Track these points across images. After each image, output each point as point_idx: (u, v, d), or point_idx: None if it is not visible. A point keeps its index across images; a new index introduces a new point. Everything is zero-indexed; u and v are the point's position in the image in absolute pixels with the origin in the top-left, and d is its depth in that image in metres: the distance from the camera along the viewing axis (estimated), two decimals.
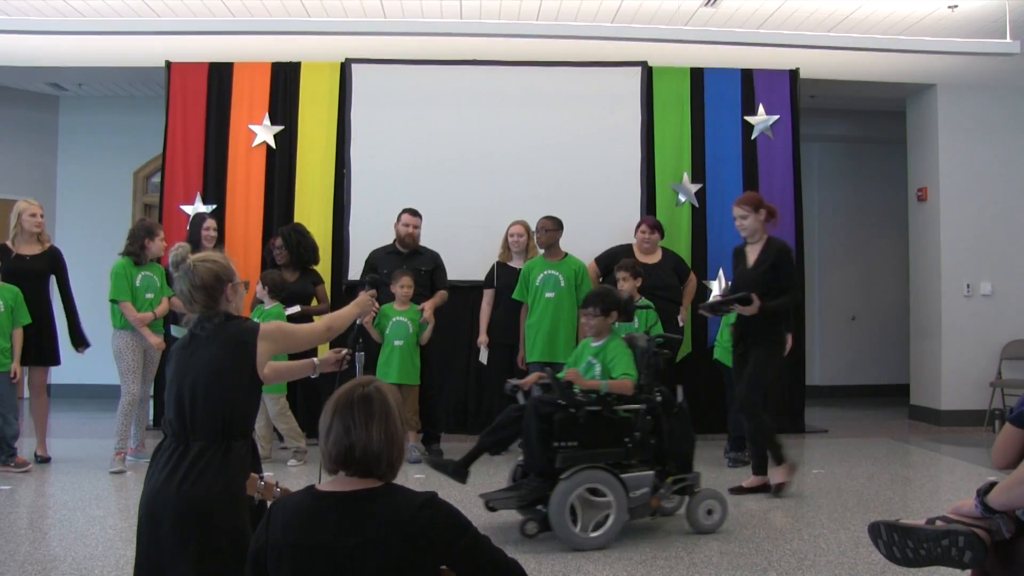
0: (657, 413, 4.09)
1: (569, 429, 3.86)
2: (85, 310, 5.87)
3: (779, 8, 6.46)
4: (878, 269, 9.70)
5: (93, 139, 8.64)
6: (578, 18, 6.60)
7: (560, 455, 3.82)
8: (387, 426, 1.78)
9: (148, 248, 5.63)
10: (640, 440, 3.99)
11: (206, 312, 2.48)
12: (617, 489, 3.81)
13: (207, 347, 2.43)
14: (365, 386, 1.83)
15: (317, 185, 6.89)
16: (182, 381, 2.41)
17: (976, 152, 7.53)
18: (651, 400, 4.07)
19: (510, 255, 6.32)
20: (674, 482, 4.06)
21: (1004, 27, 6.31)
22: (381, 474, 1.79)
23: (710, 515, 4.05)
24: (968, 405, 7.41)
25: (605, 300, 4.30)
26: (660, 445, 4.09)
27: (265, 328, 2.49)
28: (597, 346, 4.28)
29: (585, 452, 3.85)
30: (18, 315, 5.35)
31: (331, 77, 6.93)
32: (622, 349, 4.19)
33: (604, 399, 3.96)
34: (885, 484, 5.20)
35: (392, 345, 5.64)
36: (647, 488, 3.93)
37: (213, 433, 2.35)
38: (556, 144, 6.95)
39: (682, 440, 4.16)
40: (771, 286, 4.81)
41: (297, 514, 1.77)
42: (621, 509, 3.81)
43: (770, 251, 4.92)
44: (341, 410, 1.79)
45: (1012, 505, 2.17)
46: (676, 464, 4.10)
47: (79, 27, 6.25)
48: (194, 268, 2.46)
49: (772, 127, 7.08)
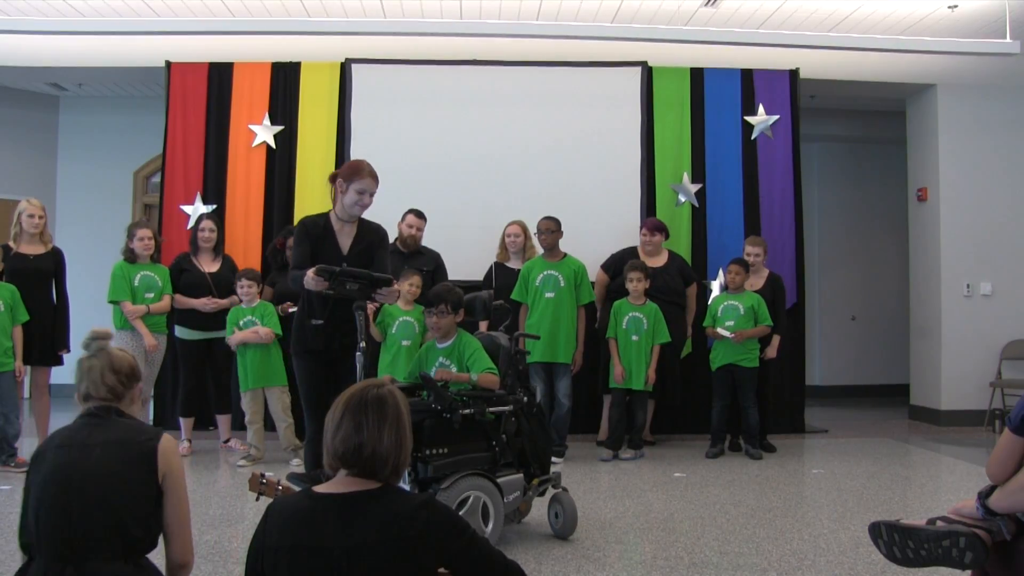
0: (519, 414, 3.91)
1: (439, 435, 3.56)
2: (85, 310, 5.88)
3: (779, 8, 6.46)
4: (878, 269, 9.70)
5: (93, 139, 8.65)
6: (578, 18, 6.60)
7: (432, 464, 3.51)
8: (398, 429, 1.79)
9: (132, 248, 5.69)
10: (506, 442, 3.79)
11: (106, 400, 2.21)
12: (495, 495, 3.63)
13: (98, 446, 2.09)
14: (380, 387, 1.83)
15: (317, 185, 6.86)
16: (66, 488, 2.03)
17: (976, 152, 7.54)
18: (520, 400, 3.89)
19: (508, 255, 6.32)
20: (539, 484, 3.94)
21: (1004, 27, 6.31)
22: (384, 476, 1.79)
23: (557, 518, 3.93)
24: (968, 405, 7.42)
25: (454, 298, 4.06)
26: (523, 447, 3.91)
27: (166, 444, 2.16)
28: (446, 346, 4.05)
29: (455, 459, 3.60)
30: (17, 313, 5.35)
31: (331, 77, 6.93)
32: (477, 345, 4.01)
33: (477, 401, 3.72)
34: (885, 484, 5.20)
35: (399, 345, 5.61)
36: (519, 492, 3.79)
37: (113, 552, 2.01)
38: (556, 144, 6.95)
39: (542, 440, 4.01)
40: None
41: (294, 516, 1.76)
42: (500, 516, 3.62)
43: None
44: (353, 408, 1.79)
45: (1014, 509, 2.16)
46: (537, 465, 3.96)
47: (79, 27, 6.25)
48: (112, 352, 2.26)
49: (772, 127, 7.08)
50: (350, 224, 4.10)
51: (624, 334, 5.92)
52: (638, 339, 5.89)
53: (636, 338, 5.90)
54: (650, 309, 5.93)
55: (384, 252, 4.20)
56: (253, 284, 5.74)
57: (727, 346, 6.02)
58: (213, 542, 3.81)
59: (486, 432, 3.76)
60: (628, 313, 5.93)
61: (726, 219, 7.01)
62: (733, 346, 5.98)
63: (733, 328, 5.95)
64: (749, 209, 7.02)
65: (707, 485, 5.11)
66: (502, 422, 3.82)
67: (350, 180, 4.00)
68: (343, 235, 4.09)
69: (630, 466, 5.70)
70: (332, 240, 4.06)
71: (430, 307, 4.04)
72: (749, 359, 6.02)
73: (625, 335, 5.92)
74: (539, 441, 3.98)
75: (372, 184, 4.02)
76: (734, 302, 6.06)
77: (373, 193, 4.04)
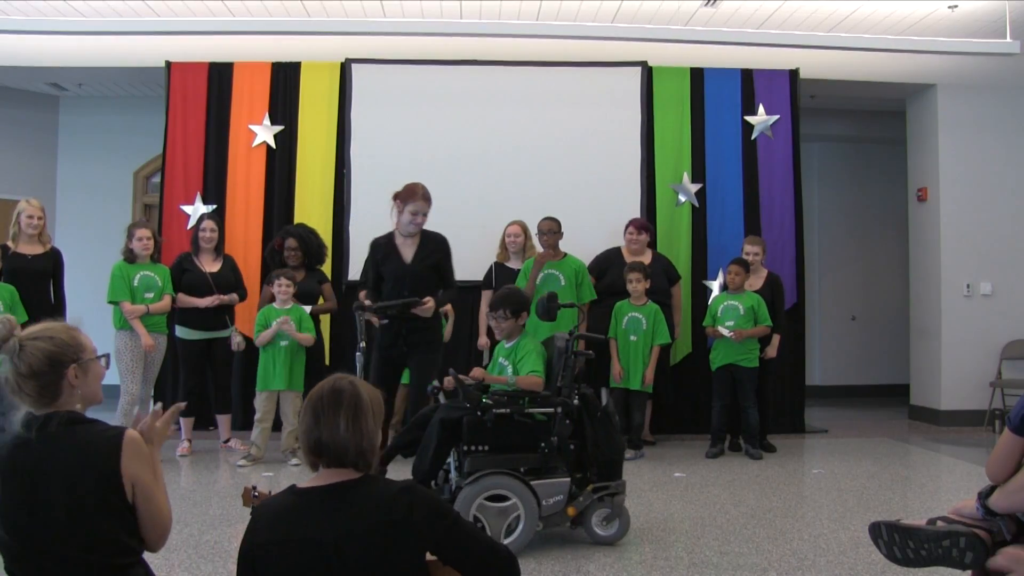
0: (577, 417, 3.86)
1: (479, 433, 3.68)
2: (85, 310, 5.87)
3: (779, 8, 6.46)
4: (878, 269, 9.70)
5: (93, 139, 8.64)
6: (578, 18, 6.60)
7: (469, 459, 3.67)
8: (354, 417, 1.81)
9: (131, 248, 5.69)
10: (558, 445, 3.76)
11: (39, 410, 1.93)
12: (525, 496, 3.62)
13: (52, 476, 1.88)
14: (339, 380, 1.87)
15: (317, 185, 6.89)
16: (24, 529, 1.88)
17: (976, 152, 7.53)
18: (567, 403, 3.82)
19: (507, 255, 6.33)
20: (594, 490, 3.82)
21: (1004, 27, 6.31)
22: (354, 464, 1.81)
23: (606, 525, 3.83)
24: (968, 405, 7.42)
25: (514, 302, 4.17)
26: (581, 451, 3.86)
27: (130, 439, 1.94)
28: (509, 347, 4.17)
29: (497, 457, 3.68)
30: (16, 313, 5.33)
31: (331, 77, 6.93)
32: (532, 348, 4.09)
33: (516, 402, 3.77)
34: (885, 484, 5.20)
35: None
36: (562, 496, 3.72)
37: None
38: (556, 144, 6.95)
39: (606, 446, 3.89)
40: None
41: (280, 512, 1.80)
42: (531, 517, 3.62)
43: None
44: (313, 403, 1.84)
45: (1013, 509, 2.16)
46: (599, 471, 3.87)
47: (79, 27, 6.24)
48: (20, 349, 1.91)
49: (772, 127, 7.08)
50: (412, 237, 4.69)
51: (623, 334, 5.93)
52: (636, 339, 5.90)
53: (635, 338, 5.90)
54: (650, 310, 5.94)
55: (448, 262, 4.78)
56: (291, 285, 5.74)
57: (727, 346, 6.02)
58: (213, 542, 3.81)
59: (533, 433, 3.77)
60: (628, 313, 5.94)
61: (726, 219, 7.01)
62: (733, 346, 5.99)
63: (733, 328, 5.95)
64: (749, 209, 7.02)
65: (707, 485, 5.11)
66: (554, 424, 3.80)
67: (406, 202, 4.64)
68: (405, 247, 4.71)
69: (630, 466, 5.66)
70: (396, 254, 4.71)
71: (494, 311, 4.19)
72: (749, 359, 6.02)
73: (624, 335, 5.92)
74: (601, 446, 3.89)
75: (424, 206, 4.64)
76: (734, 302, 6.06)
77: (426, 213, 4.66)
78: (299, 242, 6.08)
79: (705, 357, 6.38)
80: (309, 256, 6.12)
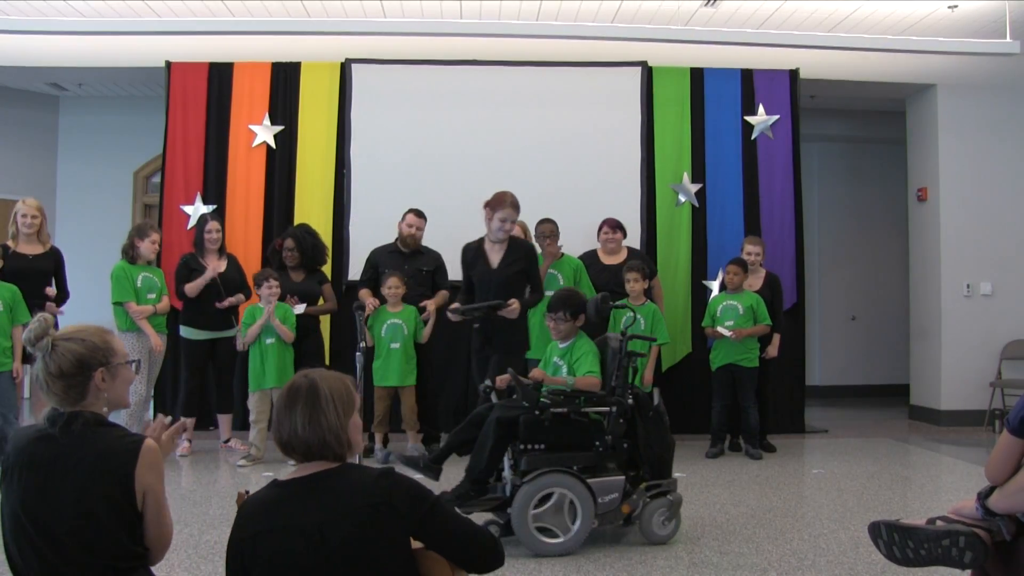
0: (630, 416, 3.93)
1: (535, 432, 3.75)
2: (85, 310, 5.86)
3: (779, 8, 6.46)
4: (878, 269, 9.70)
5: (93, 139, 8.64)
6: (578, 18, 6.60)
7: (526, 458, 3.73)
8: (312, 410, 1.83)
9: (138, 248, 5.69)
10: (612, 444, 3.85)
11: (65, 408, 1.98)
12: (582, 494, 3.69)
13: (69, 472, 1.91)
14: (296, 378, 1.90)
15: (317, 185, 6.89)
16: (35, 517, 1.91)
17: (976, 152, 7.53)
18: (622, 402, 3.90)
19: None
20: (647, 488, 3.89)
21: (1004, 27, 6.31)
22: (322, 456, 1.85)
23: (664, 524, 3.86)
24: (968, 405, 7.42)
25: (574, 304, 4.18)
26: (633, 449, 3.93)
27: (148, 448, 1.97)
28: (564, 347, 4.20)
29: (552, 455, 3.75)
30: (17, 313, 5.33)
31: (331, 77, 6.93)
32: (588, 348, 4.11)
33: (572, 401, 3.84)
34: (885, 484, 5.20)
35: (388, 348, 5.62)
36: (617, 494, 3.78)
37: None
38: (556, 144, 6.95)
39: (658, 444, 3.96)
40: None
41: (263, 504, 1.84)
42: (587, 515, 3.69)
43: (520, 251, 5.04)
44: (279, 401, 1.88)
45: (1013, 510, 2.16)
46: (651, 469, 3.93)
47: (79, 27, 6.25)
48: (52, 349, 1.97)
49: (772, 127, 7.08)
50: (500, 243, 4.92)
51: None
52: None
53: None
54: (648, 309, 5.92)
55: (535, 268, 5.03)
56: (278, 285, 5.75)
57: (727, 346, 6.02)
58: (213, 542, 3.82)
59: (589, 432, 3.83)
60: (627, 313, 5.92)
61: (726, 219, 7.01)
62: (733, 346, 5.98)
63: (732, 328, 5.95)
64: (749, 209, 7.02)
65: (707, 485, 5.11)
66: (608, 423, 3.86)
67: (495, 209, 4.83)
68: (493, 253, 4.95)
69: None
70: (484, 259, 4.96)
71: (553, 312, 4.18)
72: (749, 359, 6.02)
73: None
74: (654, 445, 3.95)
75: (513, 213, 4.83)
76: (733, 302, 6.06)
77: (514, 221, 4.87)
78: (296, 243, 6.08)
79: (705, 357, 6.38)
80: (306, 257, 6.11)
